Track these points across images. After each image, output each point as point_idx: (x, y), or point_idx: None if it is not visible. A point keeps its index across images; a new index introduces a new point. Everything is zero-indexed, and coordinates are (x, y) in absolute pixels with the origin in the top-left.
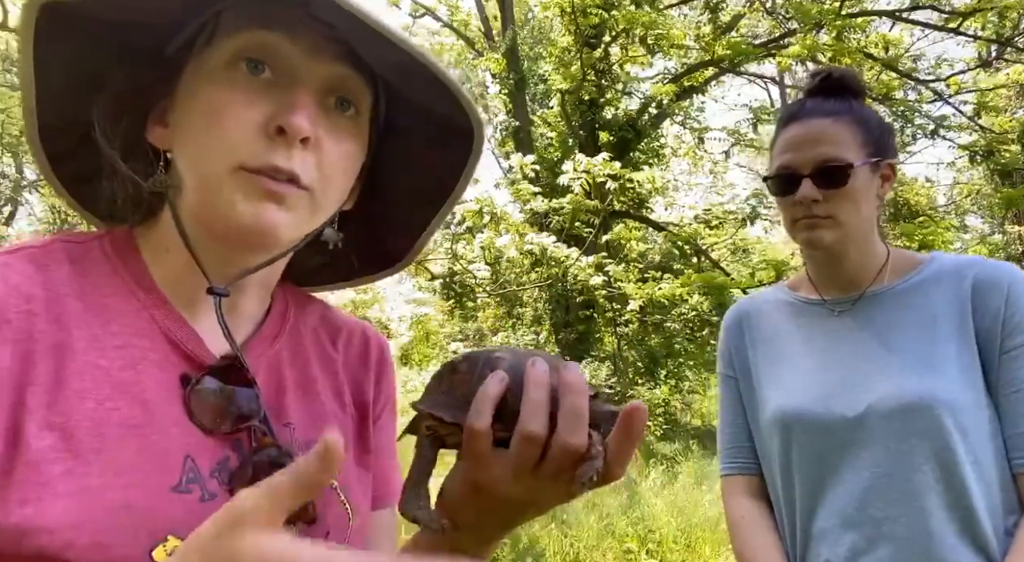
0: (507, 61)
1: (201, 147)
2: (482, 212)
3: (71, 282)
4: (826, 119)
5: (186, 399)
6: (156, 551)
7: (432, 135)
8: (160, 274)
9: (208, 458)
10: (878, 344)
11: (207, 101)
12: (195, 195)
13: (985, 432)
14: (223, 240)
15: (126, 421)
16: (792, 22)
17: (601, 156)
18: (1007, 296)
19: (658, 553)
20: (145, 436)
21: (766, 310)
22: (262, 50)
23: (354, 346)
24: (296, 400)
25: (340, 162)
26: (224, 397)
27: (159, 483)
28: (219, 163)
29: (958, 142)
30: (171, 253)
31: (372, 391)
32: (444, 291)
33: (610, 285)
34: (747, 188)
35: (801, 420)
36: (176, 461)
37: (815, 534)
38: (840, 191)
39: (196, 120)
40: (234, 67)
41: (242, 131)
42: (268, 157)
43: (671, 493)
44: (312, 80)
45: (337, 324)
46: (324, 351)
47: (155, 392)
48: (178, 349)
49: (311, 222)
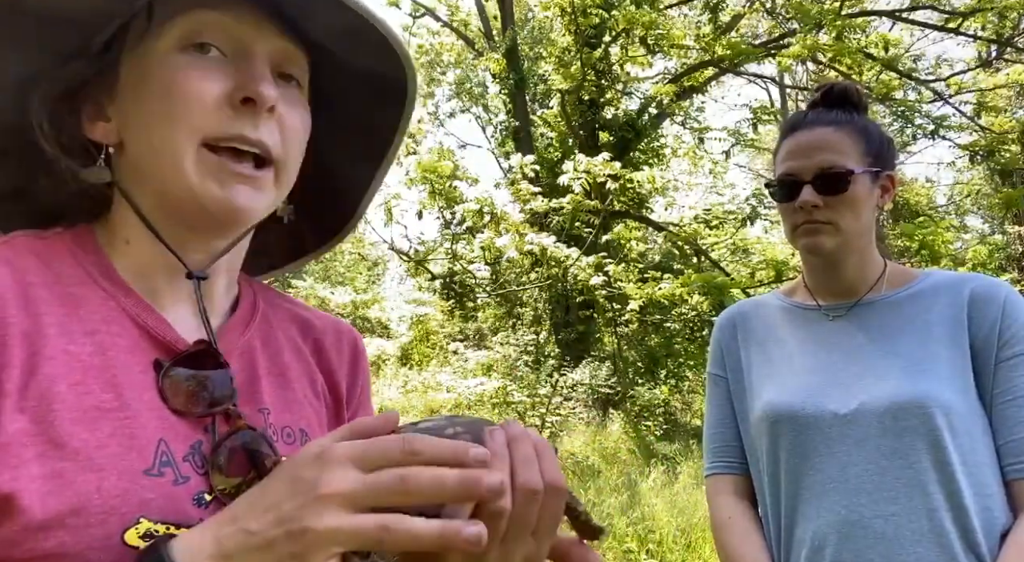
0: (507, 61)
1: (162, 129)
2: (482, 212)
3: (37, 273)
4: (828, 128)
5: (160, 384)
6: (128, 534)
7: (367, 96)
8: (121, 266)
9: (181, 442)
10: (872, 348)
11: (162, 83)
12: (160, 179)
13: (977, 437)
14: (191, 224)
15: (99, 405)
16: (792, 22)
17: (601, 156)
18: (1003, 308)
19: (658, 553)
20: (118, 420)
21: (760, 313)
22: (207, 32)
23: (327, 337)
24: (270, 386)
25: (297, 131)
26: (197, 382)
27: (132, 466)
28: (184, 139)
29: (958, 142)
30: (132, 245)
31: (346, 381)
32: (444, 291)
33: (610, 285)
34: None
35: (791, 416)
36: (149, 445)
37: (800, 533)
38: (841, 198)
39: (152, 104)
40: (183, 51)
41: (204, 105)
42: (234, 127)
43: (671, 493)
44: (264, 54)
45: (307, 317)
46: (295, 342)
47: (126, 377)
48: (148, 335)
49: (277, 198)
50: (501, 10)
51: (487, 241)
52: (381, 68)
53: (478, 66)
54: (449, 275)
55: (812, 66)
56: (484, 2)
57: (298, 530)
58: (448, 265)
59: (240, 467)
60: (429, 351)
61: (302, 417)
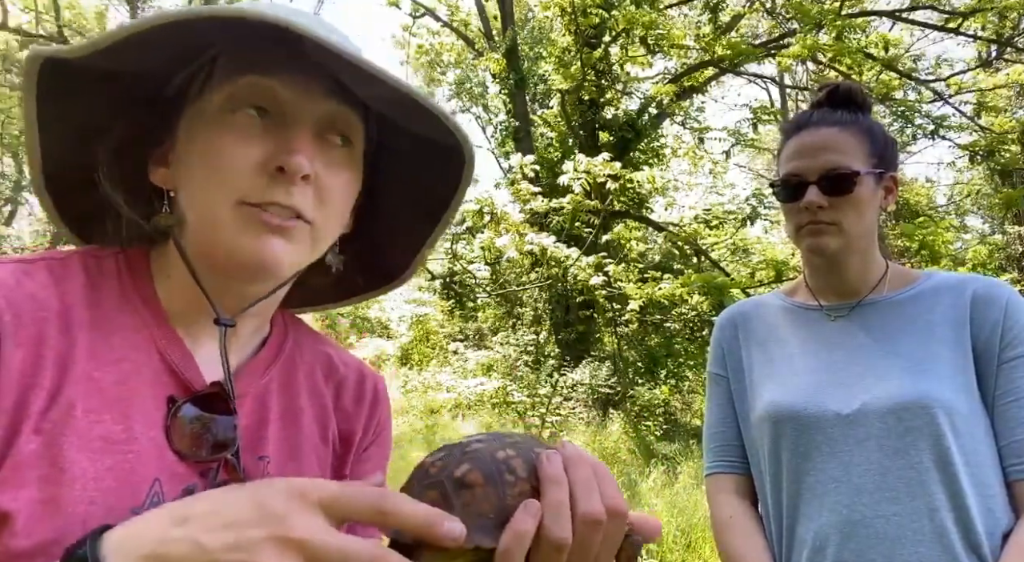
0: (507, 61)
1: (203, 186)
2: (482, 212)
3: (83, 293)
4: (833, 128)
5: (166, 423)
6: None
7: (426, 154)
8: (165, 297)
9: (176, 483)
10: (874, 348)
11: (206, 143)
12: (199, 231)
13: (979, 438)
14: (225, 272)
15: (107, 436)
16: (792, 22)
17: (601, 156)
18: (1006, 310)
19: (658, 553)
20: (121, 453)
21: (761, 313)
22: (259, 95)
23: (349, 383)
24: (277, 431)
25: (338, 193)
26: (202, 425)
27: (122, 503)
28: (221, 200)
29: (958, 142)
30: (172, 280)
31: (363, 425)
32: (444, 291)
33: (610, 285)
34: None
35: (793, 416)
36: (144, 483)
37: (802, 533)
38: (845, 199)
39: (197, 161)
40: (234, 111)
41: (242, 169)
42: (269, 194)
43: (671, 493)
44: (307, 118)
45: (334, 362)
46: (316, 385)
47: (140, 411)
48: (171, 370)
49: (313, 252)
50: (501, 10)
51: (487, 241)
52: (435, 134)
53: (478, 66)
54: (449, 275)
55: (812, 66)
56: (484, 2)
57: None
58: (448, 265)
59: None
60: (429, 351)
61: (305, 465)
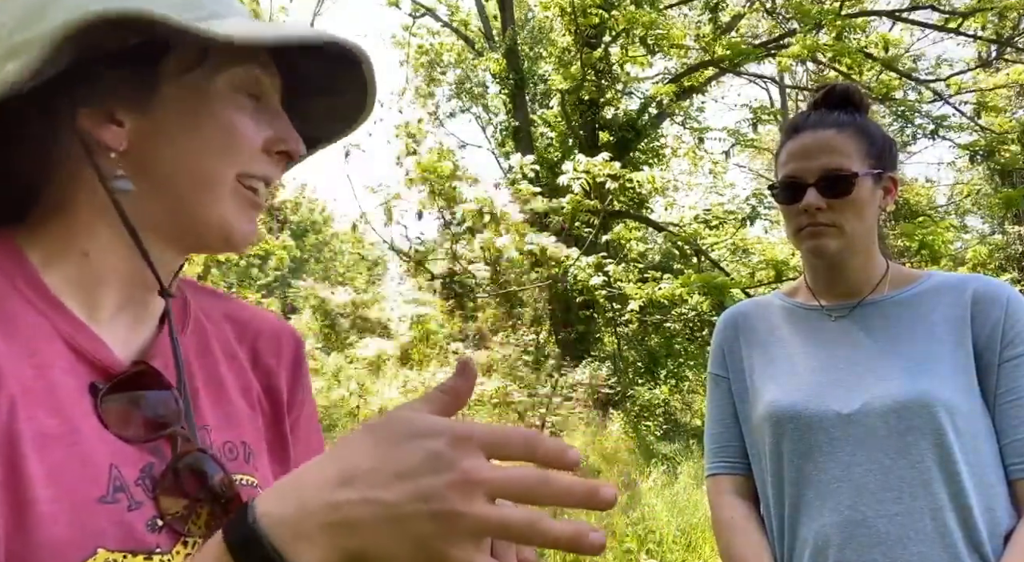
0: (507, 61)
1: (212, 159)
2: (482, 212)
3: None
4: (831, 130)
5: (98, 410)
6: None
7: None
8: (56, 280)
9: (132, 465)
10: (875, 347)
11: (221, 119)
12: (181, 200)
13: (981, 437)
14: (189, 244)
15: (45, 432)
16: (792, 22)
17: (601, 156)
18: (1007, 308)
19: (658, 553)
20: (67, 446)
21: (762, 313)
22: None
23: (264, 339)
24: (208, 401)
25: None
26: (134, 404)
27: (86, 495)
28: (227, 171)
29: (958, 142)
30: (91, 257)
31: (287, 385)
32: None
33: (610, 285)
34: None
35: (794, 416)
36: (102, 471)
37: (803, 533)
38: (845, 200)
39: (207, 133)
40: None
41: (253, 146)
42: (266, 170)
43: (671, 493)
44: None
45: (242, 317)
46: (230, 347)
47: (68, 401)
48: (83, 357)
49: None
50: (501, 10)
51: (487, 241)
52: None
53: (478, 66)
54: (449, 275)
55: (812, 66)
56: (484, 2)
57: (448, 511)
58: (448, 265)
59: (192, 490)
60: (429, 351)
61: (243, 430)
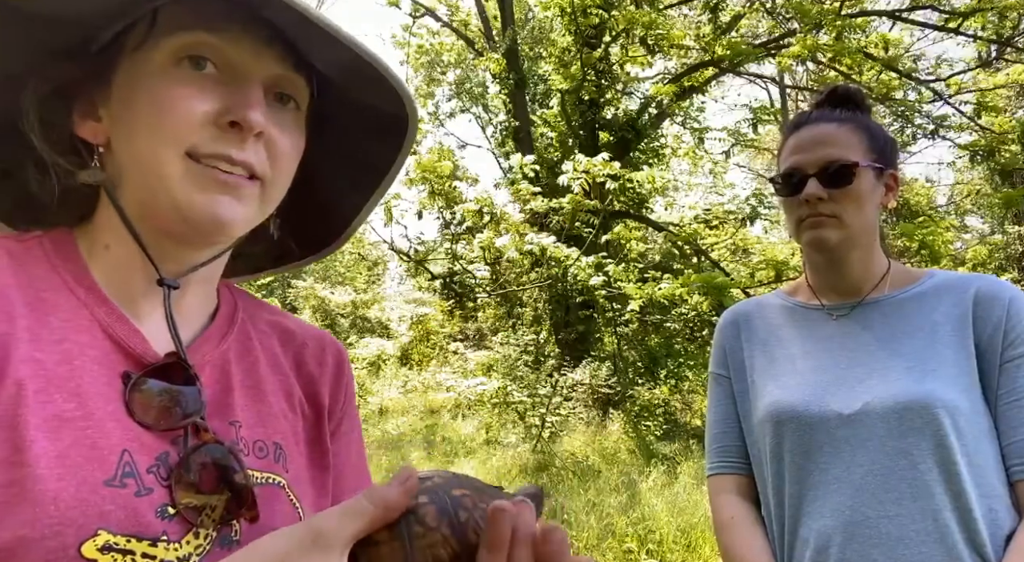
0: (507, 61)
1: (147, 137)
2: (482, 212)
3: (13, 277)
4: (832, 124)
5: (126, 397)
6: (85, 546)
7: (367, 128)
8: (100, 273)
9: (147, 453)
10: (877, 347)
11: (153, 93)
12: (142, 188)
13: (982, 437)
14: (172, 234)
15: (60, 414)
16: (792, 22)
17: (601, 156)
18: (1008, 308)
19: (658, 553)
20: (79, 429)
21: (763, 312)
22: (204, 49)
23: (308, 349)
24: (243, 398)
25: (287, 154)
26: (168, 396)
27: (92, 477)
28: (168, 152)
29: (958, 142)
30: (111, 250)
31: (329, 393)
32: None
33: (610, 285)
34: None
35: (795, 416)
36: (112, 455)
37: (804, 533)
38: (845, 191)
39: (142, 112)
40: (178, 64)
41: (191, 120)
42: (219, 146)
43: (671, 493)
44: (257, 77)
45: (289, 328)
46: (273, 353)
47: (92, 387)
48: (119, 346)
49: (261, 214)
50: (501, 10)
51: (487, 241)
52: (381, 103)
53: (478, 66)
54: (449, 275)
55: (812, 66)
56: (484, 2)
57: None
58: (448, 265)
59: (210, 483)
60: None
61: (276, 431)
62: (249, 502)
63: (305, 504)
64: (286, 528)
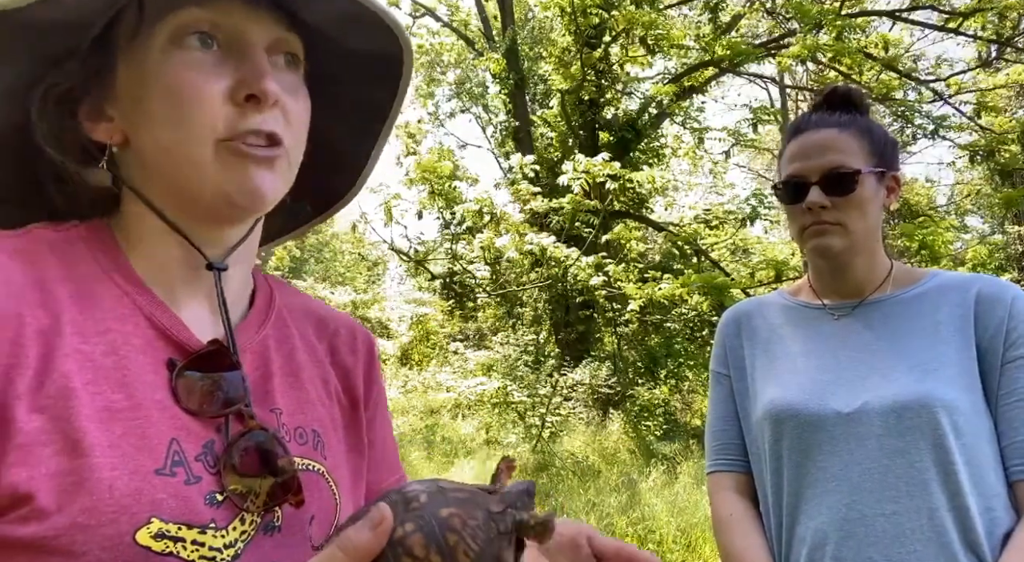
0: (507, 61)
1: (174, 129)
2: (482, 212)
3: (56, 268)
4: (832, 129)
5: (172, 384)
6: (139, 533)
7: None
8: (138, 263)
9: (194, 442)
10: (877, 346)
11: (165, 83)
12: (176, 178)
13: (982, 437)
14: (209, 215)
15: (109, 405)
16: (792, 22)
17: (601, 156)
18: (1010, 309)
19: (658, 553)
20: (130, 420)
21: (765, 312)
22: (202, 25)
23: (341, 337)
24: (282, 386)
25: (301, 118)
26: (212, 382)
27: (143, 466)
28: (198, 140)
29: (958, 142)
30: (146, 242)
31: (363, 383)
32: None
33: (610, 285)
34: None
35: (794, 414)
36: (161, 444)
37: (801, 531)
38: (848, 198)
39: (159, 104)
40: (182, 44)
41: (213, 104)
42: (244, 123)
43: (671, 493)
44: (258, 44)
45: (322, 315)
46: (309, 340)
47: (138, 377)
48: (163, 334)
49: (290, 179)
50: (501, 10)
51: (487, 241)
52: (376, 46)
53: (478, 66)
54: (449, 275)
55: (812, 66)
56: (484, 2)
57: None
58: (448, 265)
59: (252, 467)
60: (429, 351)
61: (315, 418)
62: (295, 487)
63: (342, 491)
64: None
